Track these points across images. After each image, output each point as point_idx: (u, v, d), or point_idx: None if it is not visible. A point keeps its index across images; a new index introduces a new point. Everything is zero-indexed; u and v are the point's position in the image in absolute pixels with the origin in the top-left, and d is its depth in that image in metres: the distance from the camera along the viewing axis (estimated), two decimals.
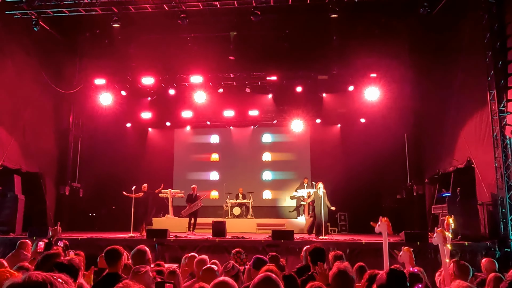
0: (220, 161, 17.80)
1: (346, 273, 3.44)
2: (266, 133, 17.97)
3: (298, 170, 16.88)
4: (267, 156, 17.68)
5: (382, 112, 14.92)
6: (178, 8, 12.12)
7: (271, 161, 17.59)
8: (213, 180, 17.49)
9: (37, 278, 1.35)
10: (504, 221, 9.25)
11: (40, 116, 13.96)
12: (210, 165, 17.80)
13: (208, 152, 18.01)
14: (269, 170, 17.51)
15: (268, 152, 17.72)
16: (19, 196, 11.98)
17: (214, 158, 17.93)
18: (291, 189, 15.10)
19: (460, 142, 11.27)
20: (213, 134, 18.24)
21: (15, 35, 12.63)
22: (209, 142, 18.20)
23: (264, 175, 17.49)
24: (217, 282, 2.62)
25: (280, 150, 17.56)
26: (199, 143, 18.19)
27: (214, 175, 17.65)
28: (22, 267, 4.04)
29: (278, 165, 17.46)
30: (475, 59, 10.38)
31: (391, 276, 2.84)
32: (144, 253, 4.18)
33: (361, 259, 8.49)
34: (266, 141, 17.92)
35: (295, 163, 17.24)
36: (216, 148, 18.06)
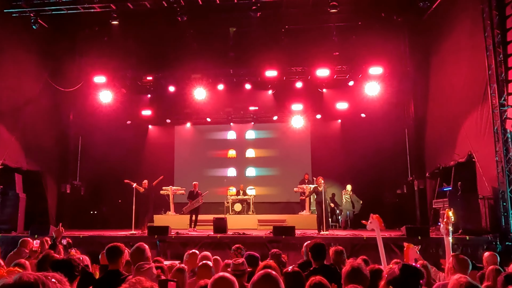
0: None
1: (360, 271, 3.40)
2: (266, 129, 17.95)
3: (299, 166, 16.86)
4: (268, 152, 17.66)
5: (382, 107, 14.89)
6: (177, 5, 12.09)
7: (272, 157, 17.57)
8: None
9: (28, 278, 1.33)
10: (505, 215, 9.24)
11: (40, 114, 13.95)
12: (212, 162, 17.79)
13: (213, 148, 17.99)
14: (270, 167, 17.50)
15: (269, 148, 17.70)
16: (20, 194, 12.00)
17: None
18: (293, 184, 15.09)
19: (461, 136, 11.25)
20: (216, 131, 18.23)
21: (14, 33, 12.61)
22: (209, 138, 18.19)
23: (265, 171, 17.48)
24: (217, 277, 2.61)
25: (281, 146, 17.53)
26: (199, 140, 18.17)
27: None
28: (18, 264, 4.05)
29: (279, 161, 17.44)
30: (476, 53, 10.34)
31: (405, 270, 2.81)
32: (143, 250, 4.17)
33: (363, 254, 8.49)
34: (267, 136, 17.90)
35: (296, 159, 17.22)
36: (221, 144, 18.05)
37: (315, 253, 4.55)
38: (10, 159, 12.12)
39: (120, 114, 16.52)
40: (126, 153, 16.51)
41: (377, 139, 14.94)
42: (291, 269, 3.75)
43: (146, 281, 2.06)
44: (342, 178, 15.40)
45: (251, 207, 15.13)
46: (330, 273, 4.06)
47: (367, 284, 3.33)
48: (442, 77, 12.61)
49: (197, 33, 14.63)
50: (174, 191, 14.38)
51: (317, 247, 4.58)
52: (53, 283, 1.38)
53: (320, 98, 16.45)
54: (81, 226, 14.19)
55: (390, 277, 2.87)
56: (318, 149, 16.77)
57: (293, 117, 16.64)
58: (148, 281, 2.07)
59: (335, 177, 15.04)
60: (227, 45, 14.62)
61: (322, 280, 3.02)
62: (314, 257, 4.54)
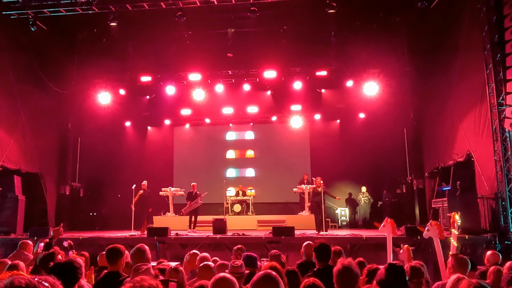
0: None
1: (351, 269, 3.41)
2: (265, 130, 17.95)
3: (298, 166, 16.87)
4: (267, 153, 17.66)
5: (381, 107, 14.90)
6: (175, 6, 12.09)
7: (271, 158, 17.57)
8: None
9: (19, 283, 1.32)
10: (504, 214, 9.24)
11: (39, 116, 13.94)
12: (211, 163, 17.79)
13: (213, 149, 17.98)
14: (269, 168, 17.49)
15: (268, 148, 17.70)
16: (19, 196, 11.98)
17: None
18: (292, 185, 15.08)
19: (459, 136, 11.27)
20: (215, 132, 18.22)
21: (13, 35, 12.61)
22: (208, 139, 18.18)
23: (264, 172, 17.48)
24: (218, 278, 2.60)
25: (280, 146, 17.54)
26: (198, 141, 18.17)
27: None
28: (14, 266, 4.04)
29: (278, 161, 17.45)
30: (474, 52, 10.35)
31: (390, 271, 2.83)
32: (143, 252, 4.17)
33: (362, 254, 8.53)
34: (266, 137, 17.90)
35: (295, 159, 17.23)
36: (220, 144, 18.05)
37: (320, 254, 4.51)
38: (9, 161, 12.12)
39: (119, 115, 16.53)
40: (125, 154, 16.52)
41: (376, 139, 14.97)
42: (291, 268, 3.75)
43: (151, 279, 2.06)
44: (341, 178, 15.40)
45: (250, 208, 15.13)
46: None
47: (357, 282, 3.35)
48: (440, 76, 12.63)
49: (195, 34, 14.63)
50: (173, 192, 14.37)
51: (322, 248, 4.53)
52: (45, 286, 1.37)
53: (319, 98, 16.47)
54: (80, 227, 14.19)
55: (378, 278, 2.90)
56: (317, 150, 16.79)
57: (292, 118, 16.65)
58: (152, 279, 2.07)
59: (334, 177, 15.03)
60: (225, 46, 14.62)
61: (315, 281, 3.02)
62: (319, 257, 4.51)
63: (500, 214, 9.29)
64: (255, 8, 11.88)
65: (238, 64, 15.26)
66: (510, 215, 9.16)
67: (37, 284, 1.34)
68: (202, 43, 14.68)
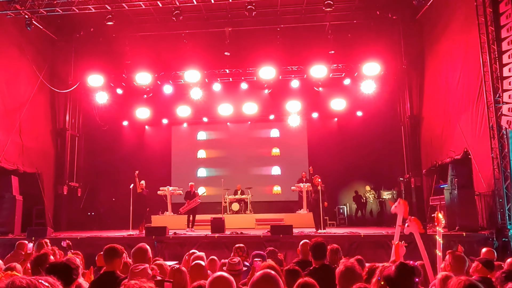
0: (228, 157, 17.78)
1: (354, 270, 3.41)
2: (263, 129, 17.95)
3: (295, 165, 16.88)
4: (265, 152, 17.66)
5: (378, 104, 14.94)
6: (172, 5, 12.07)
7: (269, 156, 17.57)
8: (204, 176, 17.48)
9: (21, 283, 1.33)
10: (501, 211, 9.27)
11: (36, 116, 13.91)
12: (208, 162, 17.78)
13: (211, 148, 17.97)
14: (267, 166, 17.50)
15: (266, 147, 17.70)
16: (17, 196, 11.95)
17: (221, 154, 17.88)
18: (290, 183, 15.10)
19: (456, 133, 11.29)
20: (213, 131, 18.21)
21: (9, 34, 12.57)
22: (206, 138, 18.17)
23: (262, 171, 17.48)
24: (215, 277, 2.60)
25: (277, 145, 17.54)
26: (196, 140, 18.15)
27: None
28: (10, 268, 4.04)
29: (276, 160, 17.46)
30: (470, 50, 10.38)
31: (400, 270, 2.82)
32: (145, 251, 4.16)
33: (360, 252, 8.54)
34: (264, 136, 17.90)
35: (293, 158, 17.24)
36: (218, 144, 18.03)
37: (315, 252, 4.50)
38: (6, 161, 12.09)
39: (116, 114, 16.51)
40: (123, 154, 16.48)
41: (373, 137, 15.00)
42: (291, 267, 3.74)
43: (144, 282, 2.06)
44: (339, 176, 15.41)
45: (248, 207, 15.12)
46: (331, 273, 4.05)
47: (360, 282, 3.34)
48: (437, 74, 12.65)
49: (192, 33, 14.63)
50: (171, 192, 14.36)
51: (317, 246, 4.52)
52: (46, 286, 1.38)
53: (317, 96, 16.46)
54: (78, 227, 14.17)
55: (386, 275, 2.88)
56: (315, 148, 16.79)
57: (289, 116, 16.65)
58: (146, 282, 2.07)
59: (332, 175, 15.03)
60: (222, 45, 14.60)
61: (308, 280, 3.01)
62: (315, 256, 4.49)
63: (497, 211, 9.32)
64: (252, 7, 11.86)
65: (235, 62, 15.23)
66: (507, 212, 9.19)
67: (37, 284, 1.35)
68: (199, 42, 14.67)
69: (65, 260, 3.39)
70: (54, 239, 8.88)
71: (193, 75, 15.16)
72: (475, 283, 2.43)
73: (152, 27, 14.53)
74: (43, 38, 13.96)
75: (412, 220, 4.87)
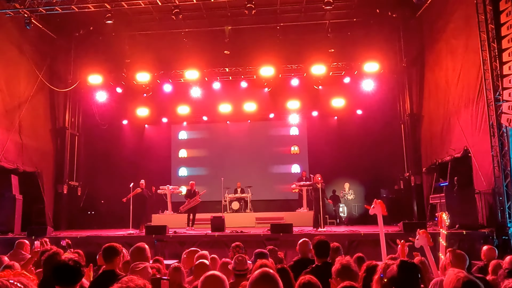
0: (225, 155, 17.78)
1: (350, 268, 3.41)
2: (263, 127, 17.93)
3: (295, 163, 16.87)
4: (265, 150, 17.64)
5: (378, 103, 14.93)
6: (172, 3, 12.05)
7: (269, 155, 17.56)
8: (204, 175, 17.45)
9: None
10: (501, 209, 9.27)
11: (36, 115, 13.90)
12: (208, 161, 17.76)
13: (210, 147, 17.96)
14: (267, 165, 17.48)
15: (266, 146, 17.67)
16: (16, 196, 11.95)
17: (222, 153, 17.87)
18: (290, 182, 15.09)
19: (456, 131, 11.28)
20: (213, 129, 18.19)
21: (8, 34, 12.54)
22: (205, 137, 18.16)
23: (262, 169, 17.46)
24: (207, 275, 2.59)
25: (277, 143, 17.53)
26: (196, 139, 18.15)
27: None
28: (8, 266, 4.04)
29: (275, 158, 17.44)
30: (470, 48, 10.36)
31: (403, 268, 2.80)
32: (143, 250, 4.17)
33: (360, 250, 8.51)
34: (262, 135, 17.87)
35: (293, 156, 17.23)
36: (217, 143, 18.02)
37: (318, 251, 4.49)
38: (6, 160, 12.08)
39: (116, 113, 16.50)
40: (123, 152, 16.48)
41: (373, 135, 14.99)
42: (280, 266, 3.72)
43: (138, 279, 2.05)
44: (339, 174, 15.39)
45: (248, 205, 15.12)
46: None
47: (357, 280, 3.34)
48: (437, 72, 12.64)
49: (192, 31, 14.61)
50: (171, 191, 14.36)
51: (321, 244, 4.51)
52: (17, 287, 1.38)
53: (316, 95, 16.44)
54: (78, 226, 14.18)
55: (389, 275, 2.86)
56: (315, 146, 16.78)
57: (289, 115, 16.63)
58: (140, 279, 2.06)
59: (332, 173, 15.02)
60: (222, 44, 14.58)
61: (311, 279, 3.00)
62: (318, 254, 4.49)
63: (498, 209, 9.32)
64: (251, 5, 11.84)
65: (235, 61, 15.22)
66: (507, 210, 9.18)
67: (9, 285, 1.36)
68: (198, 40, 14.65)
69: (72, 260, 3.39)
70: (54, 238, 8.88)
71: (193, 73, 15.16)
72: (473, 280, 2.42)
73: (152, 25, 14.50)
74: (43, 37, 13.93)
75: (422, 233, 4.88)
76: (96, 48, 14.90)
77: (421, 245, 4.98)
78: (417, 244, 4.97)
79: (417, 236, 4.99)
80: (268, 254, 5.03)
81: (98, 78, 15.14)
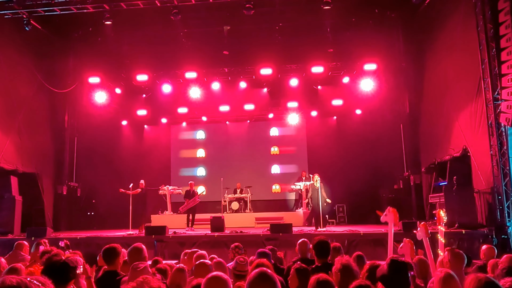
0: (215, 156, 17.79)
1: (351, 268, 3.41)
2: (262, 127, 17.94)
3: (295, 163, 16.89)
4: (264, 150, 17.65)
5: (377, 103, 14.95)
6: (170, 4, 12.05)
7: (268, 155, 17.57)
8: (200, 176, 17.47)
9: (11, 282, 1.37)
10: (500, 208, 9.29)
11: (35, 116, 13.89)
12: (212, 161, 17.77)
13: (210, 148, 17.96)
14: (266, 165, 17.49)
15: (265, 146, 17.68)
16: (16, 197, 11.95)
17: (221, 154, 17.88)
18: (289, 182, 15.11)
19: (455, 131, 11.30)
20: (212, 130, 18.20)
21: (7, 34, 12.53)
22: (205, 137, 18.16)
23: (261, 169, 17.48)
24: (211, 276, 2.60)
25: (276, 143, 17.54)
26: (195, 139, 18.15)
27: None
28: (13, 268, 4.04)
29: (275, 159, 17.45)
30: (469, 47, 10.38)
31: (392, 266, 2.82)
32: (140, 250, 4.19)
33: (360, 250, 8.52)
34: (262, 135, 17.89)
35: (292, 156, 17.25)
36: (216, 143, 18.03)
37: (319, 251, 4.49)
38: (5, 161, 12.07)
39: (115, 114, 16.51)
40: (122, 153, 16.48)
41: (372, 135, 15.01)
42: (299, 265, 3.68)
43: (153, 280, 2.07)
44: (338, 174, 15.41)
45: (248, 205, 15.13)
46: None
47: (358, 279, 3.35)
48: (436, 72, 12.66)
49: (191, 32, 14.61)
50: (171, 191, 14.36)
51: (321, 245, 4.51)
52: (36, 285, 1.41)
53: (315, 95, 16.48)
54: (78, 227, 14.18)
55: (379, 274, 2.89)
56: (314, 146, 16.80)
57: (288, 115, 16.65)
58: (156, 281, 2.08)
59: (332, 173, 15.04)
60: (221, 44, 14.60)
61: (327, 277, 3.00)
62: (318, 254, 4.48)
63: (497, 208, 9.34)
64: (250, 5, 11.84)
65: (234, 61, 15.24)
66: (506, 209, 9.21)
67: (28, 283, 1.38)
68: (197, 40, 14.66)
69: (65, 259, 3.40)
70: (54, 239, 8.88)
71: (192, 74, 15.17)
72: (493, 281, 2.43)
73: (151, 26, 14.48)
74: (42, 38, 13.92)
75: (422, 226, 4.91)
76: (95, 49, 14.89)
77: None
78: (418, 236, 5.00)
79: (418, 229, 5.03)
80: (270, 254, 5.04)
81: (97, 78, 15.15)
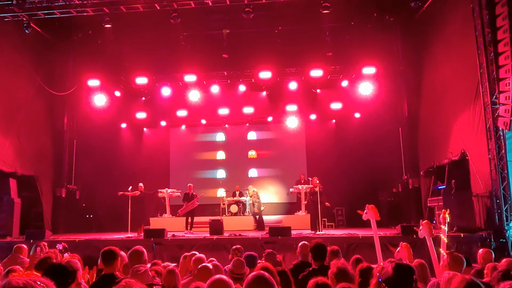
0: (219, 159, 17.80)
1: (346, 271, 3.43)
2: (261, 130, 17.97)
3: (294, 166, 16.90)
4: (263, 153, 17.68)
5: (376, 106, 14.99)
6: (170, 7, 12.09)
7: (267, 158, 17.59)
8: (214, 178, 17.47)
9: (17, 283, 1.37)
10: (499, 212, 9.31)
11: (34, 118, 13.90)
12: (212, 163, 17.78)
13: (209, 150, 17.97)
14: (265, 168, 17.52)
15: (264, 149, 17.71)
16: (15, 199, 11.95)
17: (219, 156, 17.89)
18: (288, 185, 15.12)
19: (454, 135, 11.33)
20: (211, 133, 18.22)
21: (7, 37, 12.56)
22: (209, 140, 18.18)
23: (260, 172, 17.50)
24: (214, 279, 2.61)
25: (276, 147, 17.56)
26: (194, 142, 18.16)
27: (216, 173, 17.64)
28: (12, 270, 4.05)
29: (275, 161, 17.47)
30: (467, 52, 10.42)
31: (398, 270, 2.84)
32: (141, 253, 4.20)
33: (358, 253, 8.53)
34: (261, 138, 17.92)
35: (291, 160, 17.26)
36: (216, 146, 18.04)
37: (315, 254, 4.53)
38: (4, 164, 12.07)
39: (115, 117, 16.51)
40: (121, 156, 16.49)
41: (371, 139, 15.04)
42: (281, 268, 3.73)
43: (137, 283, 2.07)
44: (337, 177, 15.43)
45: (247, 209, 15.13)
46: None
47: (354, 282, 3.36)
48: (434, 76, 12.71)
49: (190, 35, 14.64)
50: (169, 194, 14.36)
51: (317, 248, 4.55)
52: (42, 286, 1.42)
53: (314, 98, 16.52)
54: (76, 230, 14.15)
55: (384, 277, 2.89)
56: (313, 150, 16.82)
57: (287, 118, 16.69)
58: (139, 283, 2.09)
59: (330, 176, 15.06)
60: (220, 47, 14.63)
61: (326, 281, 3.02)
62: (315, 257, 4.52)
63: (495, 212, 9.36)
64: (249, 9, 11.88)
65: (233, 65, 15.27)
66: (504, 213, 9.23)
67: (34, 284, 1.39)
68: (197, 44, 14.69)
69: (65, 263, 3.41)
70: (52, 242, 8.87)
71: (191, 77, 15.21)
72: (476, 282, 2.45)
73: (150, 29, 14.52)
74: (41, 41, 13.95)
75: (425, 224, 4.95)
76: (95, 52, 14.92)
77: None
78: (420, 234, 5.03)
79: (420, 227, 5.06)
80: (257, 256, 5.05)
81: (96, 81, 15.16)
